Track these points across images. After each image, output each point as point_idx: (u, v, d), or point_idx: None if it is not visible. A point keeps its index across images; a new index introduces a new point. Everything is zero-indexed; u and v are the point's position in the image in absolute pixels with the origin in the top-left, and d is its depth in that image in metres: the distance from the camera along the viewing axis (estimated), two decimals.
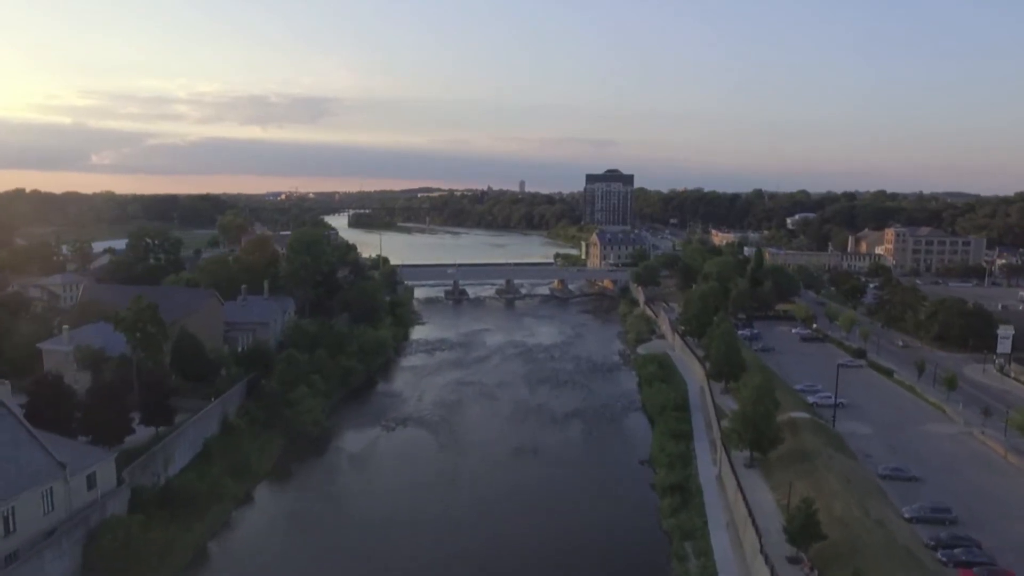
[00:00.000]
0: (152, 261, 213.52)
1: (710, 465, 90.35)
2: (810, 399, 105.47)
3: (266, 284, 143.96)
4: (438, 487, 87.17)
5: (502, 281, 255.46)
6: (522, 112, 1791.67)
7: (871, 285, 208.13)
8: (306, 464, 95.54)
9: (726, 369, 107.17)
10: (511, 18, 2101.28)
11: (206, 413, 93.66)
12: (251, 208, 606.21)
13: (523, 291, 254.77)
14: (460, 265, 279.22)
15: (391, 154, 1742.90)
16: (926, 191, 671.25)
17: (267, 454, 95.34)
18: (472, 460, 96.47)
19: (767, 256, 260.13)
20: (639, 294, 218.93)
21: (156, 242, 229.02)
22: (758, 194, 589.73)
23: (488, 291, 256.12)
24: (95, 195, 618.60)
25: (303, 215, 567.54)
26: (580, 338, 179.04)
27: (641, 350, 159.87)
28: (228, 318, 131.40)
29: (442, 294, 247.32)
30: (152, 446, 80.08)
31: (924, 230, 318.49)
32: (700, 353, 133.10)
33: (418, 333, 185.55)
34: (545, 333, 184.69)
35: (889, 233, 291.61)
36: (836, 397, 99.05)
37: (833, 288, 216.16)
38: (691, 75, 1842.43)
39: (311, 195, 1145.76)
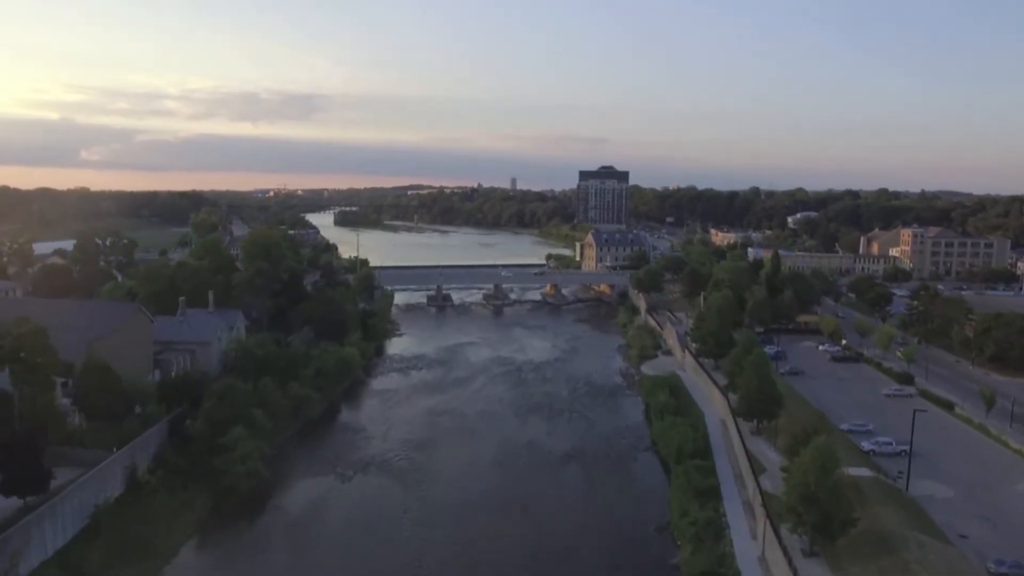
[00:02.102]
0: (102, 264, 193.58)
1: (748, 538, 70.36)
2: (864, 445, 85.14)
3: (211, 295, 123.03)
4: (397, 572, 66.93)
5: (490, 285, 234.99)
6: (516, 109, 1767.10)
7: (896, 292, 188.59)
8: (231, 534, 74.92)
9: (759, 407, 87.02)
10: (505, 16, 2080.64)
11: (102, 470, 72.98)
12: (231, 205, 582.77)
13: (512, 296, 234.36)
14: (445, 267, 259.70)
15: (382, 151, 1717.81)
16: (916, 189, 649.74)
17: (182, 522, 74.51)
18: (444, 527, 76.17)
19: None
20: (640, 301, 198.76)
21: (107, 243, 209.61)
22: (755, 192, 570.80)
23: (475, 296, 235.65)
24: (69, 191, 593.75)
25: (283, 212, 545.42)
26: (576, 353, 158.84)
27: (646, 369, 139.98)
28: (162, 337, 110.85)
29: (424, 299, 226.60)
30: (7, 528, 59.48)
31: (934, 230, 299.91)
32: (720, 379, 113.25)
33: (394, 347, 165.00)
34: (536, 347, 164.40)
35: (905, 234, 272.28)
36: (911, 448, 76.91)
37: (853, 295, 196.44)
38: (683, 73, 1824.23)
39: (299, 192, 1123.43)
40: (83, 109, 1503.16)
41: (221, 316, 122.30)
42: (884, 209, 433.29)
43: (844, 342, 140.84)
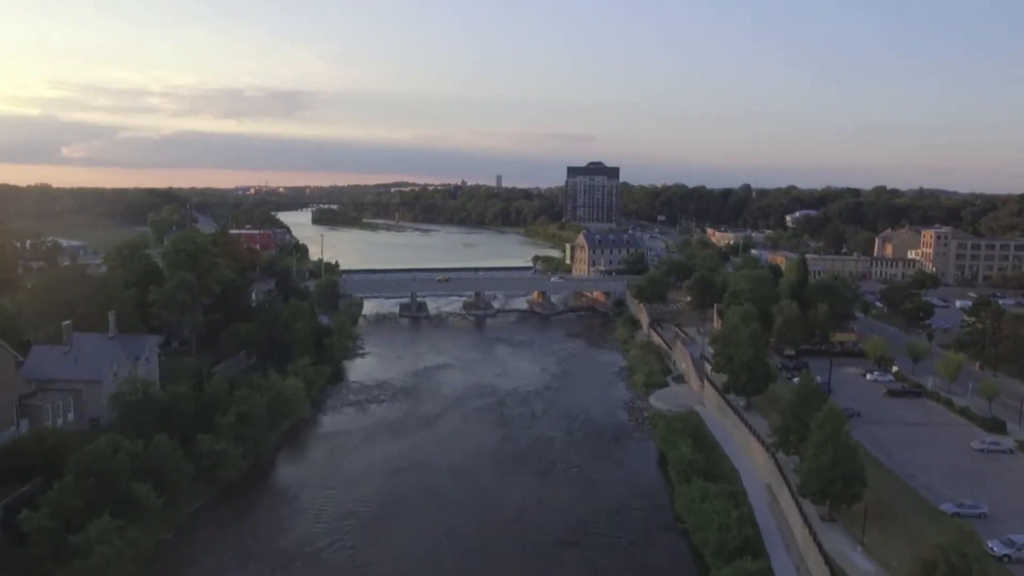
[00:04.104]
0: (20, 271, 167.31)
1: None
2: (994, 547, 59.24)
3: (111, 315, 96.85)
4: None
5: (470, 293, 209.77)
6: (501, 106, 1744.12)
7: (934, 303, 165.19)
8: None
9: (838, 488, 62.15)
10: (490, 12, 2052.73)
11: None
12: (203, 203, 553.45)
13: (496, 305, 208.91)
14: (418, 270, 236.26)
15: (366, 149, 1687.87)
16: (908, 187, 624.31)
17: None
18: None
19: (781, 262, 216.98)
20: (641, 313, 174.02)
21: (27, 245, 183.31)
22: (747, 189, 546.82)
23: (454, 304, 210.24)
24: (29, 188, 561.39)
25: (254, 209, 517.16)
26: (569, 379, 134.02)
27: (656, 401, 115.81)
28: (39, 374, 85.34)
29: (397, 309, 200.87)
30: None
31: (945, 230, 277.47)
32: (755, 420, 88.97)
33: (356, 370, 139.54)
34: (523, 370, 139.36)
35: (927, 235, 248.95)
36: None
37: (882, 306, 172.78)
38: (670, 70, 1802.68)
39: (281, 189, 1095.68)
40: (65, 105, 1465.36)
41: (124, 343, 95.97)
42: (888, 207, 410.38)
43: (896, 369, 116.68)
